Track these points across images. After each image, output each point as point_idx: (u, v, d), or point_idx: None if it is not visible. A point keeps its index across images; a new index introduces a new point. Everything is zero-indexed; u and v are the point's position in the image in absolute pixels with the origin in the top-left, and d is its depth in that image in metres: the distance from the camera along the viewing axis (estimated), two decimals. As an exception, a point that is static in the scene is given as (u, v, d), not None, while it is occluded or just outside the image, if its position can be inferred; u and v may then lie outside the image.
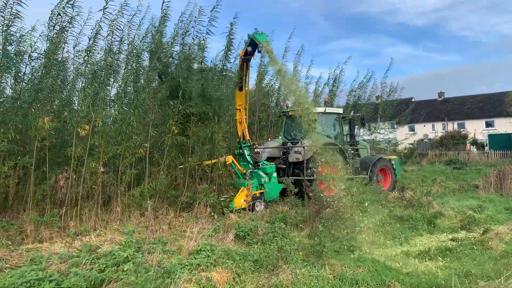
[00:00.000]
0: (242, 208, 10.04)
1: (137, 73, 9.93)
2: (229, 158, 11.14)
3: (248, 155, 11.78)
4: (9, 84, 9.55)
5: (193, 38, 11.61)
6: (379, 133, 24.19)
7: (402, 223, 9.06)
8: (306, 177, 11.63)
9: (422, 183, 16.80)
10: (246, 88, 11.86)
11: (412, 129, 49.83)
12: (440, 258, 6.93)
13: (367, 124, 22.22)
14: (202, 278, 5.57)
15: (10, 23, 8.59)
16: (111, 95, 9.89)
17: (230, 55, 16.02)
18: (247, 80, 11.71)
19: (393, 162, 14.82)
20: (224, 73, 17.67)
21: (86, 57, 9.55)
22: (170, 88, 10.41)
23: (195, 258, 6.32)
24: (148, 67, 10.54)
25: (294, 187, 10.86)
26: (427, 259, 6.89)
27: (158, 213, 9.06)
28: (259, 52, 10.72)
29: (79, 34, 9.57)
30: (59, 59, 9.52)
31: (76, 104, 9.85)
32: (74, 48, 9.62)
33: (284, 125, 14.41)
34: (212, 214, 9.56)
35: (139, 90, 9.63)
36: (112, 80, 9.96)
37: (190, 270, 5.81)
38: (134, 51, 10.70)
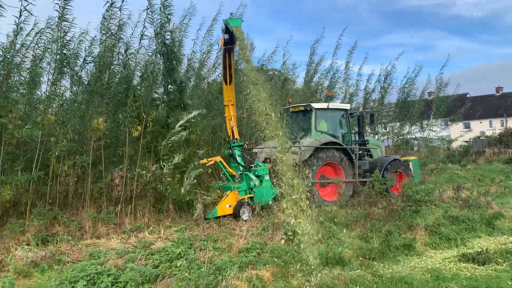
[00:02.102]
0: (228, 215, 9.40)
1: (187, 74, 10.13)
2: (217, 159, 10.26)
3: (238, 156, 10.65)
4: (67, 87, 10.10)
5: None
6: (432, 130, 23.35)
7: (458, 224, 8.67)
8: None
9: (479, 183, 16.01)
10: (230, 83, 10.56)
11: (467, 126, 47.66)
12: (500, 261, 6.58)
13: (417, 120, 21.14)
14: (252, 276, 5.62)
15: (67, 28, 9.02)
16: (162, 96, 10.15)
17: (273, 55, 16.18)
18: (232, 72, 10.40)
19: (411, 163, 13.71)
20: (270, 73, 17.82)
21: (135, 59, 9.90)
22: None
23: (245, 256, 6.39)
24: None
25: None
26: (486, 262, 6.56)
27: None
28: (232, 38, 9.38)
29: (130, 37, 9.96)
30: (113, 61, 9.92)
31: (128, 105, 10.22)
32: (125, 51, 9.98)
33: (286, 123, 13.16)
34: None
35: (182, 90, 9.78)
36: (161, 81, 10.24)
37: (240, 267, 5.87)
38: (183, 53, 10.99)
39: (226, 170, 10.31)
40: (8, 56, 8.70)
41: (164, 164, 9.10)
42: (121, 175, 8.86)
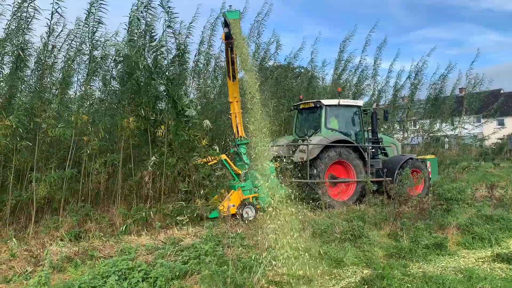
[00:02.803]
0: (232, 215, 8.95)
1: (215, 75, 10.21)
2: (221, 157, 9.74)
3: (243, 154, 10.15)
4: (97, 86, 10.36)
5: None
6: (464, 128, 22.71)
7: (492, 224, 8.41)
8: (309, 180, 10.51)
9: (514, 181, 15.50)
10: (234, 79, 10.17)
11: (501, 123, 46.05)
12: (538, 262, 6.35)
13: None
14: (280, 274, 5.61)
15: (95, 29, 9.19)
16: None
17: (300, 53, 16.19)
18: (236, 68, 10.01)
19: (428, 162, 13.00)
20: (297, 70, 17.77)
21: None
22: None
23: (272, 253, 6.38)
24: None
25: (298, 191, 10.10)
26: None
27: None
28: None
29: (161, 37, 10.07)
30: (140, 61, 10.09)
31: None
32: (156, 51, 10.09)
33: (296, 120, 12.81)
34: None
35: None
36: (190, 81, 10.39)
37: (268, 265, 5.87)
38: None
39: (231, 169, 9.94)
40: (42, 58, 8.99)
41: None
42: (150, 173, 9.00)
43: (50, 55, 9.21)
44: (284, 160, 11.03)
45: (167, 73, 9.47)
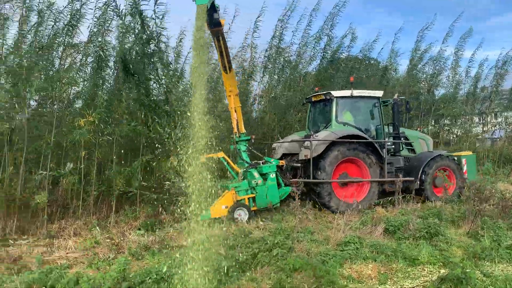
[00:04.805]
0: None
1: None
2: (219, 155, 8.84)
3: (243, 151, 9.46)
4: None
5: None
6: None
7: None
8: (312, 179, 9.54)
9: None
10: (229, 71, 9.29)
11: None
12: None
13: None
14: (352, 270, 5.53)
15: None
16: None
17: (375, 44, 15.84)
18: (229, 58, 9.20)
19: (463, 160, 11.53)
20: (367, 62, 17.34)
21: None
22: None
23: (343, 249, 6.29)
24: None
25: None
26: None
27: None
28: (214, 19, 8.05)
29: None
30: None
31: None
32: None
33: (309, 114, 11.65)
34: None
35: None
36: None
37: (339, 261, 5.80)
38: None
39: (230, 167, 9.24)
40: (118, 57, 9.46)
41: None
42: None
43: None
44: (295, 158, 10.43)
45: None
